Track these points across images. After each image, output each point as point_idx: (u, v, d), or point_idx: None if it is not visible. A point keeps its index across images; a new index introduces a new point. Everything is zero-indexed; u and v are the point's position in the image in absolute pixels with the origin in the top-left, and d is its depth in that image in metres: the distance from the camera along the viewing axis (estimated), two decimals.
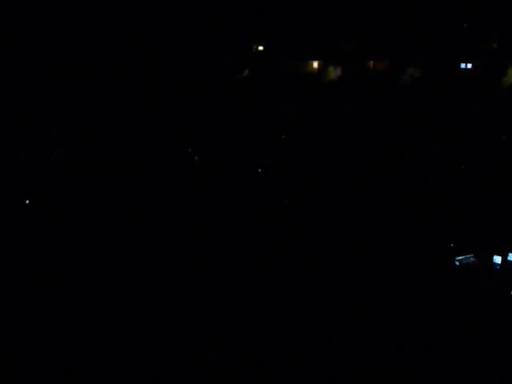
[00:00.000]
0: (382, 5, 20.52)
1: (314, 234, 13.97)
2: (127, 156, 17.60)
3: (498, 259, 12.40)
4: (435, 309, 10.86)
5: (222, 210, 15.13)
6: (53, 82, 19.76)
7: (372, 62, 21.85)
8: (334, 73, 21.93)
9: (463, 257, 12.62)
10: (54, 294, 11.12)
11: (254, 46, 22.65)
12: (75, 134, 18.74)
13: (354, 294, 11.39)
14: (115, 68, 20.49)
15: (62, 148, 18.23)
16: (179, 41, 21.32)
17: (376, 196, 15.78)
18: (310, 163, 17.88)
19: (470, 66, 20.56)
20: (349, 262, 12.56)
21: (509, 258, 12.39)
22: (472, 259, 12.62)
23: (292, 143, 19.29)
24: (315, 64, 22.38)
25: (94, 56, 20.40)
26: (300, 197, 16.00)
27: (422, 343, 9.89)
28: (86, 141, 18.29)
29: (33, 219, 14.37)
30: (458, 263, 12.59)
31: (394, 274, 12.09)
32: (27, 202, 15.06)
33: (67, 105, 19.59)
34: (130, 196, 15.55)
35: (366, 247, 13.19)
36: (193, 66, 21.41)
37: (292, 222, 14.61)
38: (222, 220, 14.59)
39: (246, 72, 22.30)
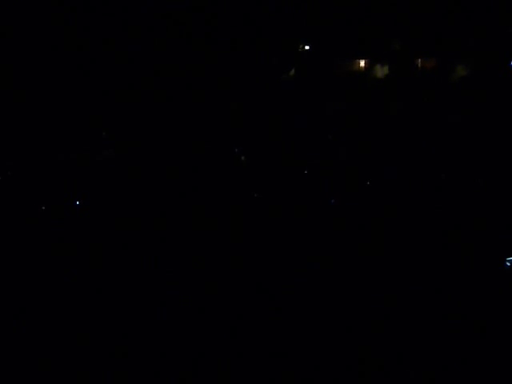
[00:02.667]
0: (429, 2, 20.29)
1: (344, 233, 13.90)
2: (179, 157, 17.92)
3: None
4: (484, 314, 10.59)
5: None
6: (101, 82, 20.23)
7: (420, 61, 21.61)
8: (381, 72, 21.78)
9: None
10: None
11: (301, 46, 22.68)
12: (125, 134, 19.16)
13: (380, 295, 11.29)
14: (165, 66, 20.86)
15: (112, 148, 18.68)
16: (225, 40, 21.55)
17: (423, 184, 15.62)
18: (355, 161, 17.84)
19: None
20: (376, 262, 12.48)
21: None
22: None
23: (338, 143, 19.26)
24: (362, 63, 22.26)
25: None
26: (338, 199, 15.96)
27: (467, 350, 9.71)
28: (136, 141, 18.69)
29: (84, 220, 14.72)
30: (509, 264, 12.34)
31: (437, 274, 11.90)
32: (77, 202, 15.41)
33: (116, 104, 20.03)
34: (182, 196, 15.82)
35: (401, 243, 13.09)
36: (239, 66, 21.60)
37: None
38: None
39: (293, 72, 22.36)
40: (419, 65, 21.52)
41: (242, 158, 19.05)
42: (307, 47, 22.79)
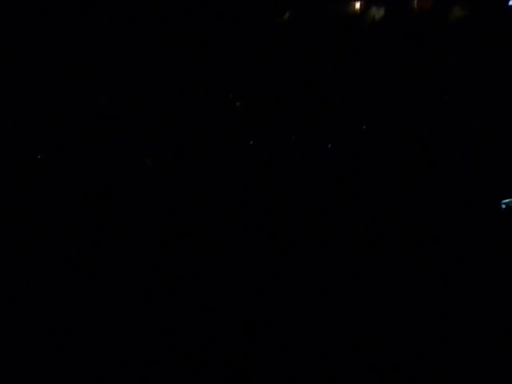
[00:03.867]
0: None
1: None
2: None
3: None
4: (479, 257, 10.71)
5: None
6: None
7: (416, 1, 21.24)
8: (377, 14, 21.40)
9: (510, 199, 12.46)
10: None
11: None
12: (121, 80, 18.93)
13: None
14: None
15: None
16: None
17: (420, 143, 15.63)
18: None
19: None
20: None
21: None
22: None
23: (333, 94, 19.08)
24: (357, 4, 21.84)
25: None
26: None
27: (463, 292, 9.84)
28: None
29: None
30: (504, 206, 12.45)
31: (430, 215, 11.94)
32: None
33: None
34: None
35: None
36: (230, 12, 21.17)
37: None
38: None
39: (287, 14, 21.93)
40: (415, 6, 21.19)
41: (237, 103, 18.89)
42: None
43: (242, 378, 9.04)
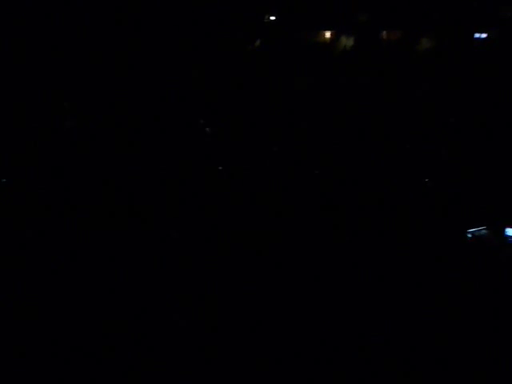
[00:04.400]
0: None
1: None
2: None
3: (510, 231, 12.43)
4: (447, 282, 10.93)
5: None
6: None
7: (385, 32, 21.59)
8: (347, 43, 21.70)
9: (475, 229, 12.64)
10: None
11: (266, 16, 22.39)
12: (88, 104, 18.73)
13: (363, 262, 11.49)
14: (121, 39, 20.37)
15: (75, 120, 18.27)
16: (186, 12, 21.12)
17: (386, 165, 15.75)
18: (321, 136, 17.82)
19: (484, 35, 20.30)
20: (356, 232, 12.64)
21: None
22: (484, 231, 12.65)
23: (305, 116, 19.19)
24: (328, 34, 22.13)
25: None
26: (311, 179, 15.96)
27: (432, 315, 10.00)
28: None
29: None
30: (470, 236, 12.62)
31: (403, 246, 12.14)
32: None
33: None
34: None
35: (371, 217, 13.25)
36: (201, 38, 21.23)
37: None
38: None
39: (258, 43, 22.09)
40: (384, 37, 21.51)
41: (207, 129, 18.84)
42: (273, 18, 22.53)
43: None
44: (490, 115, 17.45)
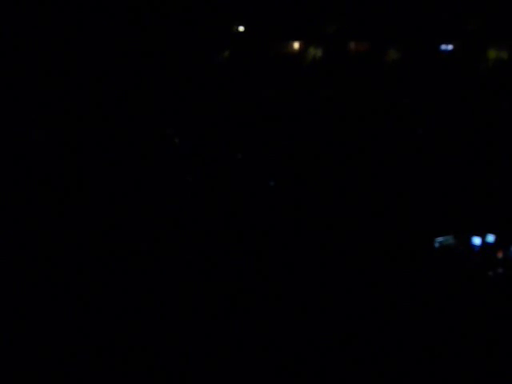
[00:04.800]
0: None
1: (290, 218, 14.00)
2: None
3: (477, 240, 12.51)
4: (414, 290, 10.98)
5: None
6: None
7: (353, 43, 21.77)
8: (315, 54, 21.82)
9: (443, 238, 12.70)
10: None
11: (235, 27, 22.42)
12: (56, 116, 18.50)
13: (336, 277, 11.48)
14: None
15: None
16: (157, 22, 21.03)
17: (352, 180, 15.83)
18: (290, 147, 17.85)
19: (450, 47, 20.62)
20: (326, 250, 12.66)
21: (488, 240, 12.52)
22: (451, 240, 12.71)
23: (273, 127, 19.21)
24: (296, 45, 22.24)
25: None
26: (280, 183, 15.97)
27: (402, 324, 10.02)
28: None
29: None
30: (437, 244, 12.68)
31: (372, 255, 12.18)
32: None
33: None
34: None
35: (344, 231, 13.27)
36: (170, 48, 21.16)
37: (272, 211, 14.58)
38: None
39: (227, 53, 22.08)
40: (352, 48, 21.69)
41: (176, 140, 18.70)
42: (241, 28, 22.57)
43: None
44: (457, 124, 17.69)
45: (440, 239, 12.67)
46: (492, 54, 19.91)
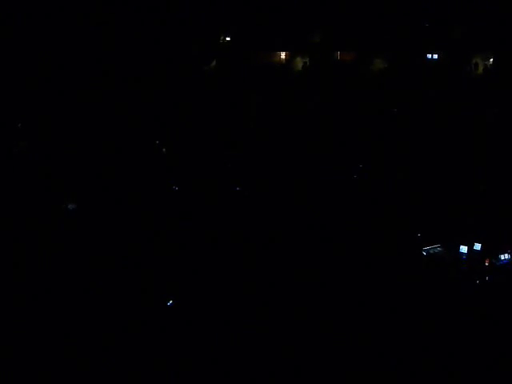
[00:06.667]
0: None
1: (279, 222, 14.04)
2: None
3: (464, 249, 12.63)
4: (403, 298, 11.07)
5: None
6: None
7: (339, 53, 21.94)
8: (301, 64, 21.95)
9: (430, 247, 12.80)
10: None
11: (222, 37, 22.48)
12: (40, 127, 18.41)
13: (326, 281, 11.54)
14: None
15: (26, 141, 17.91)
16: (147, 31, 21.04)
17: (338, 186, 15.90)
18: (280, 155, 17.89)
19: (436, 56, 20.86)
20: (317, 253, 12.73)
21: (475, 248, 12.64)
22: (439, 249, 12.81)
23: (260, 135, 19.24)
24: (283, 55, 22.37)
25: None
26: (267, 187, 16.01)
27: (390, 330, 10.10)
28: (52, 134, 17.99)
29: None
30: (425, 253, 12.77)
31: (362, 264, 12.25)
32: None
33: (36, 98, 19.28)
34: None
35: (334, 236, 13.35)
36: (160, 57, 21.15)
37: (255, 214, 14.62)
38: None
39: (214, 62, 22.12)
40: (338, 57, 21.86)
41: (163, 150, 18.66)
42: (228, 38, 22.63)
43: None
44: (444, 134, 17.86)
45: (428, 248, 12.77)
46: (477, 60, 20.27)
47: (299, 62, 21.92)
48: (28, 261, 12.12)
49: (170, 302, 10.91)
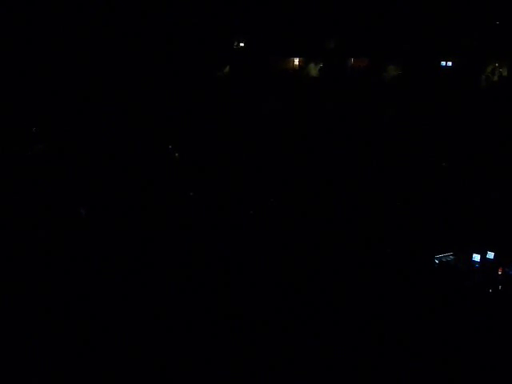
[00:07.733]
0: (363, 3, 20.61)
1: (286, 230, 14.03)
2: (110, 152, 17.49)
3: (477, 257, 12.53)
4: (415, 307, 11.00)
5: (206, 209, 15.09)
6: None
7: (352, 60, 21.93)
8: (315, 70, 21.97)
9: (443, 255, 12.72)
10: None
11: (236, 43, 22.57)
12: (55, 130, 18.57)
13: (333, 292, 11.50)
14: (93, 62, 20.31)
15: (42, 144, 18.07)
16: (160, 37, 21.17)
17: (352, 194, 15.86)
18: (292, 160, 17.89)
19: (450, 63, 20.77)
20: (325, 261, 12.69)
21: (488, 256, 12.54)
22: (451, 257, 12.73)
23: (275, 141, 19.26)
24: (296, 61, 22.39)
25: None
26: (284, 195, 16.01)
27: (402, 340, 10.03)
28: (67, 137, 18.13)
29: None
30: (437, 261, 12.69)
31: (374, 272, 12.20)
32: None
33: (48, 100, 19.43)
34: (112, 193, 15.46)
35: (344, 245, 13.30)
36: (174, 63, 21.27)
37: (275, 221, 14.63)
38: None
39: (227, 69, 22.21)
40: (352, 64, 21.84)
41: (176, 154, 18.75)
42: (242, 44, 22.71)
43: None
44: (457, 140, 17.78)
45: (440, 256, 12.69)
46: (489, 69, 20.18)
47: (313, 69, 21.94)
48: (39, 262, 12.20)
49: None
